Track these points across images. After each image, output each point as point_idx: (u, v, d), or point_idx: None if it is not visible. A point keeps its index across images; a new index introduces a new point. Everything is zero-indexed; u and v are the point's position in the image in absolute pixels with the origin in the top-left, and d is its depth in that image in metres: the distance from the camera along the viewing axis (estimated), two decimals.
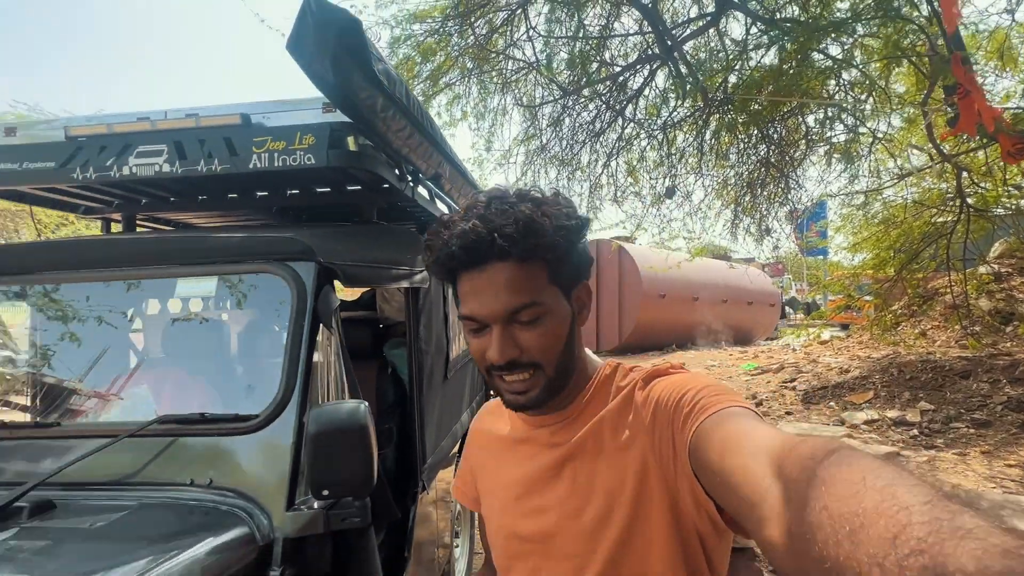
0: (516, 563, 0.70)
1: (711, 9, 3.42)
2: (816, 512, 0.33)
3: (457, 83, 4.51)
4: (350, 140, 1.58)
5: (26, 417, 1.50)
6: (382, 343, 2.34)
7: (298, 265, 1.24)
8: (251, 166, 1.55)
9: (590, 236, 0.76)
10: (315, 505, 1.07)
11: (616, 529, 0.61)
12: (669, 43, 3.37)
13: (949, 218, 5.10)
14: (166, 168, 1.59)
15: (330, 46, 1.29)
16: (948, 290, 5.58)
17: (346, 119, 1.58)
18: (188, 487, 1.06)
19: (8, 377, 1.66)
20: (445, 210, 2.40)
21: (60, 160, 1.64)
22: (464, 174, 2.56)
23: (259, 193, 2.00)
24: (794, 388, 6.60)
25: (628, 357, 10.07)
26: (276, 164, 1.55)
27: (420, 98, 4.36)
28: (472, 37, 4.14)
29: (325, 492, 1.03)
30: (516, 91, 4.69)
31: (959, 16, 2.24)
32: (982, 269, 6.00)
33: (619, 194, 5.21)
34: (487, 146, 5.08)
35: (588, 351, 0.73)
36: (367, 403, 1.06)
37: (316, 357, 1.21)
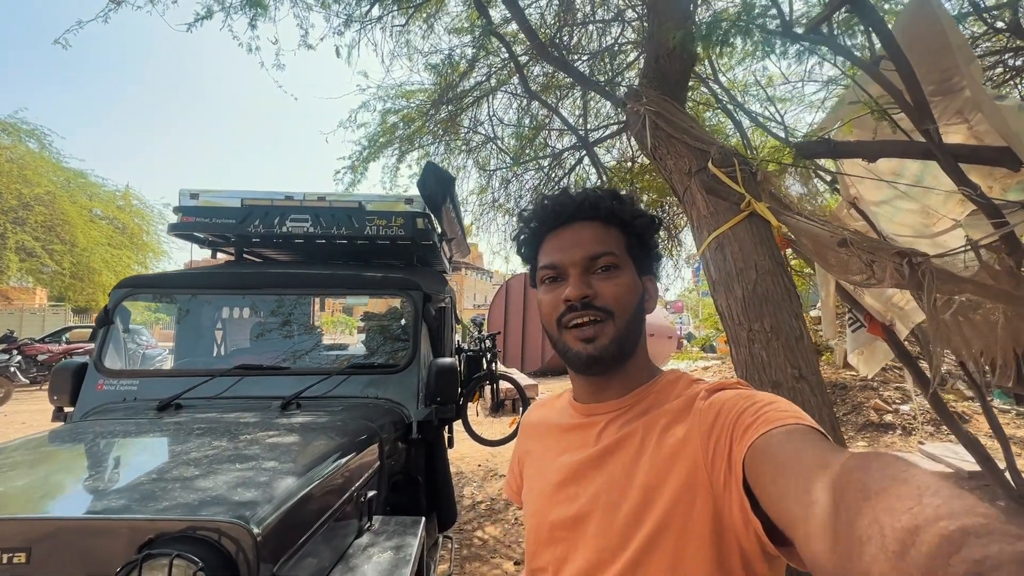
0: (545, 550, 0.69)
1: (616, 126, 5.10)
2: (865, 526, 0.32)
3: (430, 144, 5.83)
4: (420, 221, 2.80)
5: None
6: None
7: (415, 292, 2.43)
8: (364, 232, 2.72)
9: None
10: (430, 406, 2.25)
11: (648, 528, 0.59)
12: (585, 140, 4.95)
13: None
14: (311, 230, 2.70)
15: (440, 187, 2.55)
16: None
17: (418, 209, 2.79)
18: (371, 398, 2.20)
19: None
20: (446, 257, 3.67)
21: (239, 219, 2.68)
22: (463, 235, 3.85)
23: (339, 242, 3.11)
24: None
25: (549, 379, 11.47)
26: (380, 232, 2.73)
27: (396, 154, 5.63)
28: (445, 113, 5.48)
29: (438, 399, 2.22)
30: (476, 155, 6.08)
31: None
32: (814, 313, 8.19)
33: None
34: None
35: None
36: (455, 357, 2.28)
37: (424, 336, 2.41)
